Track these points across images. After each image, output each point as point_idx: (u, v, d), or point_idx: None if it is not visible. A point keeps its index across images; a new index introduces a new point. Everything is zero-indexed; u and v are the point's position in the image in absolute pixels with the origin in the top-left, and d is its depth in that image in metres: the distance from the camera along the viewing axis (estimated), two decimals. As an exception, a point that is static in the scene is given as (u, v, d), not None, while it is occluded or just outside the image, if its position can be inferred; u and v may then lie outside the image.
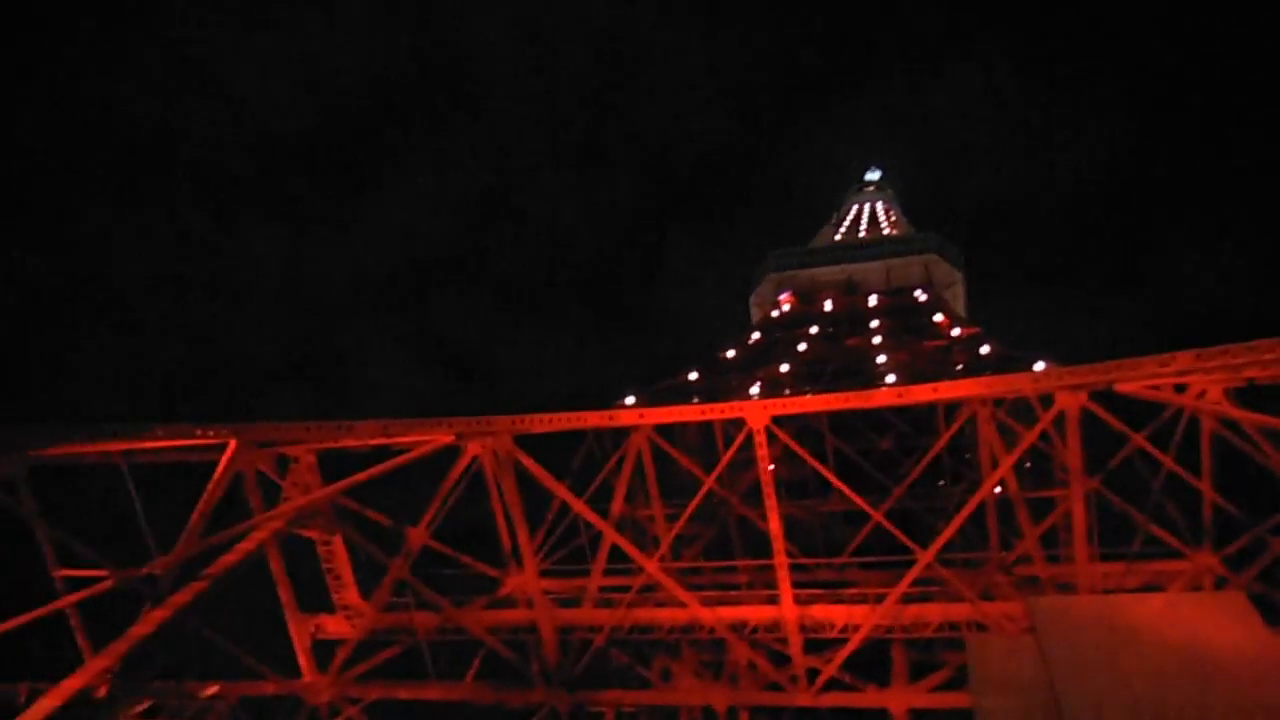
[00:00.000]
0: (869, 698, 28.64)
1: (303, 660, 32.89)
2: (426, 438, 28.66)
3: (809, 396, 26.64)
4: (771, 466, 27.34)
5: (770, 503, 27.05)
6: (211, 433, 25.17)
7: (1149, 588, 27.72)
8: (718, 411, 27.31)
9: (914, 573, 26.32)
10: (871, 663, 30.05)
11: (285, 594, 32.50)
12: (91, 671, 22.88)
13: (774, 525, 27.21)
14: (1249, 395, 21.51)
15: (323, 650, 34.32)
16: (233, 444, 25.78)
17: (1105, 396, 23.89)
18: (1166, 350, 23.10)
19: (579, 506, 30.18)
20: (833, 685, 28.29)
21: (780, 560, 27.55)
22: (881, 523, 27.05)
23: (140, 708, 20.97)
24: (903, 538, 26.82)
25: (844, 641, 28.55)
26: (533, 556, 30.31)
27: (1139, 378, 21.62)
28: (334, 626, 33.51)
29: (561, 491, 29.91)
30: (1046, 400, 28.21)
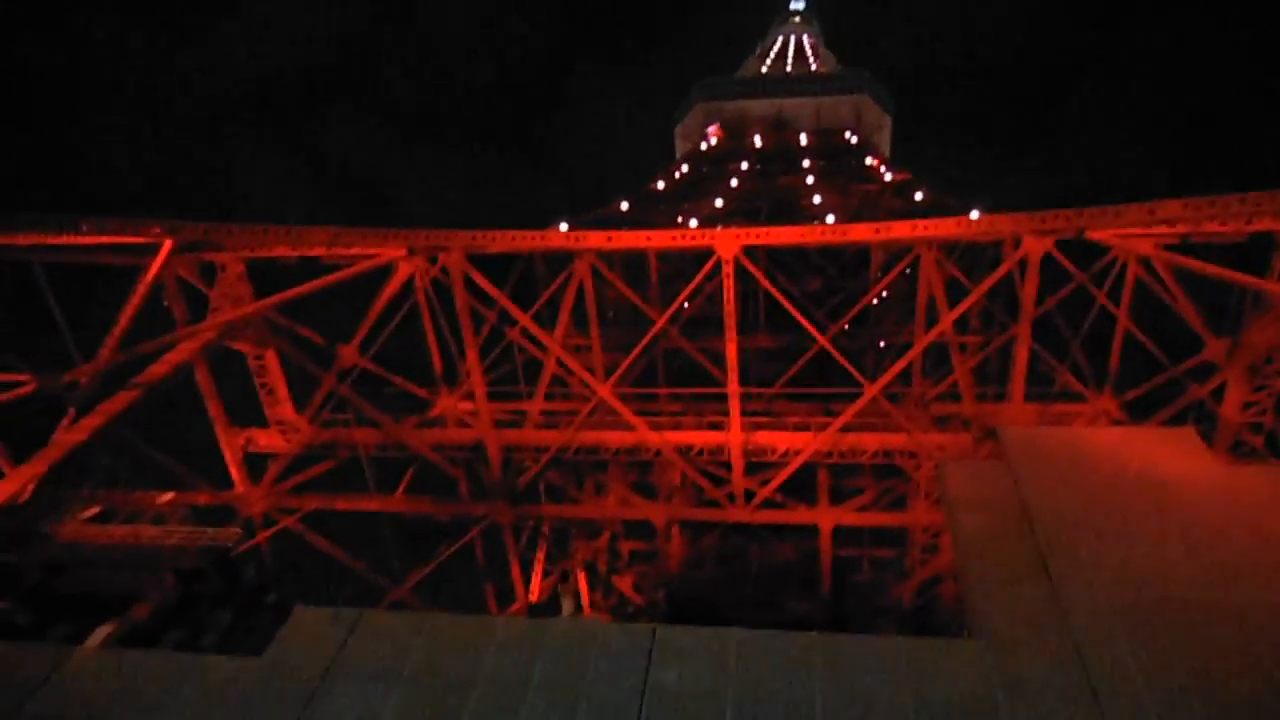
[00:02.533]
0: (800, 515, 30.64)
1: (234, 472, 32.17)
2: (376, 251, 27.01)
3: (782, 228, 26.38)
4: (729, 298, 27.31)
5: (730, 334, 27.28)
6: (146, 230, 22.79)
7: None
8: (687, 238, 26.76)
9: (861, 403, 27.53)
10: (798, 488, 31.93)
11: (214, 408, 31.24)
12: (24, 477, 21.60)
13: (731, 355, 27.62)
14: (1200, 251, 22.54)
15: (254, 466, 33.71)
16: (168, 244, 23.54)
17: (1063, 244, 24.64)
18: (1072, 205, 23.89)
19: (534, 329, 29.64)
20: (767, 504, 29.99)
21: (733, 389, 28.18)
22: (835, 356, 27.82)
23: (88, 513, 19.99)
24: (853, 371, 27.79)
25: (778, 466, 30.11)
26: (481, 376, 29.85)
27: (1117, 225, 22.30)
28: (267, 440, 32.71)
29: (517, 313, 29.23)
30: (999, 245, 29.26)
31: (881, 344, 44.97)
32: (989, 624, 14.38)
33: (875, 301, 42.13)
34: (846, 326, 39.39)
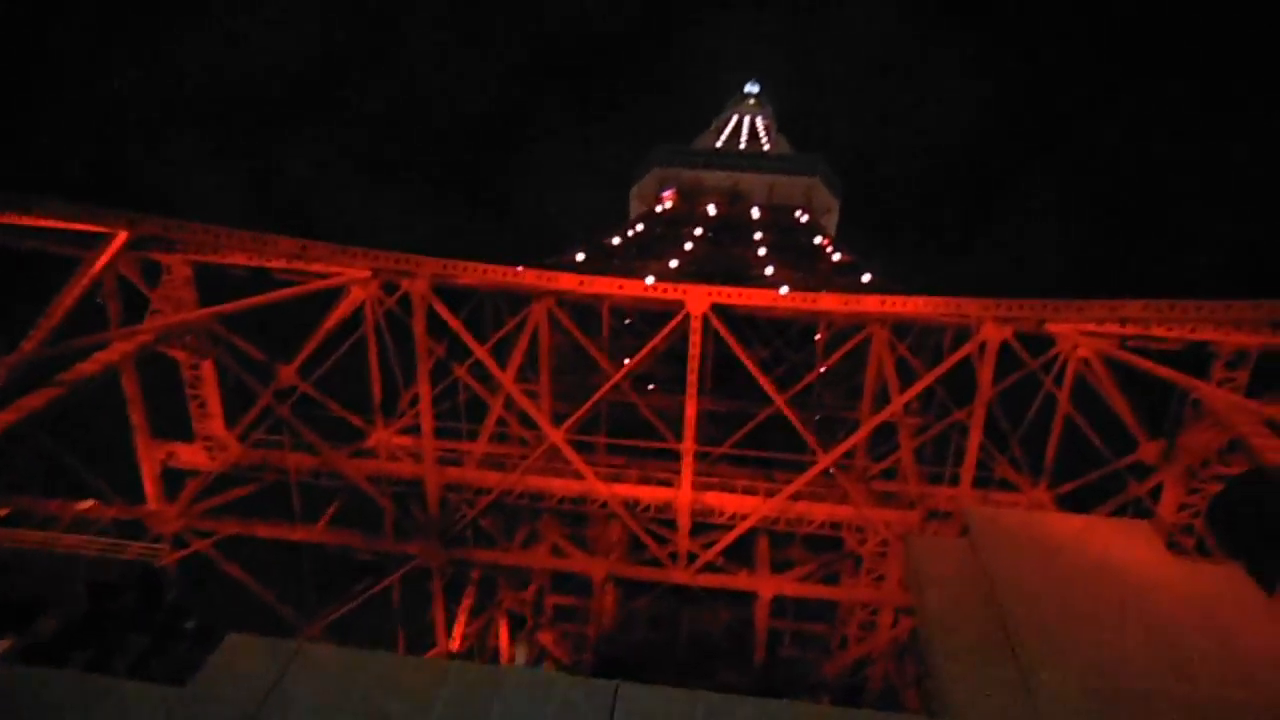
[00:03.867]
0: (741, 580, 30.20)
1: (149, 487, 30.11)
2: (339, 270, 26.09)
3: (753, 290, 26.63)
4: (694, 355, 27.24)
5: (692, 390, 27.12)
6: (101, 218, 21.44)
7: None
8: (659, 290, 26.71)
9: (813, 472, 27.54)
10: (731, 554, 31.54)
11: (137, 415, 29.33)
12: (-75, 469, 19.65)
13: (690, 411, 27.45)
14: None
15: (168, 483, 31.62)
16: (122, 235, 22.20)
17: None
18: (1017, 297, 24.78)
19: (493, 367, 28.91)
20: (708, 568, 29.50)
21: (688, 446, 27.91)
22: (794, 423, 27.84)
23: (-3, 514, 18.20)
24: (811, 440, 27.85)
25: (722, 529, 29.76)
26: (430, 410, 28.86)
27: (1078, 319, 23.15)
28: (189, 456, 30.81)
29: (477, 350, 28.51)
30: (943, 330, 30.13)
31: (817, 417, 45.50)
32: (953, 702, 14.20)
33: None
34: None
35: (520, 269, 27.49)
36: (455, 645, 33.43)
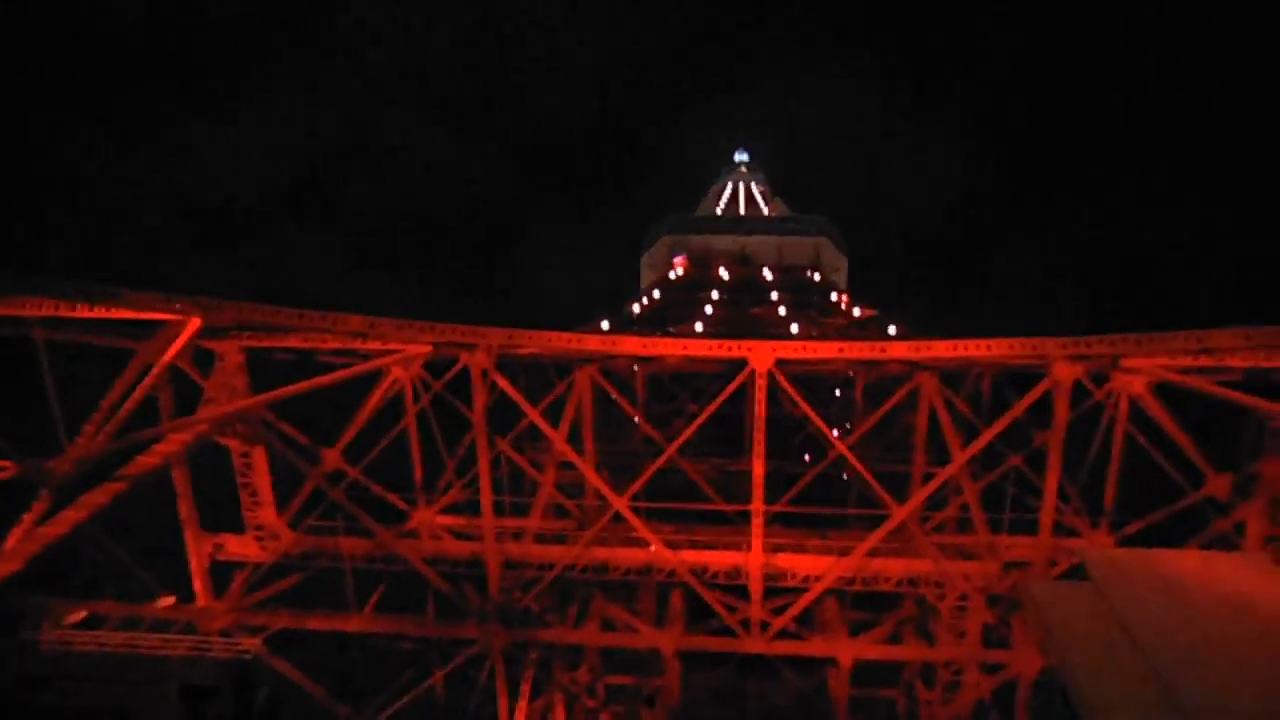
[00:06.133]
0: (817, 646, 29.12)
1: (198, 583, 29.19)
2: (400, 347, 25.79)
3: (817, 343, 26.37)
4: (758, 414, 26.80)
5: (759, 449, 26.61)
6: (170, 306, 21.18)
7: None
8: (724, 349, 26.40)
9: (889, 527, 26.80)
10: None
11: (186, 508, 28.58)
12: (-4, 574, 18.92)
13: (757, 472, 26.83)
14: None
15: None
16: (195, 322, 21.90)
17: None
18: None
19: (558, 441, 28.43)
20: (782, 634, 28.45)
21: (757, 507, 27.21)
22: (868, 479, 27.24)
23: (74, 617, 17.40)
24: (882, 492, 27.19)
25: (790, 591, 28.81)
26: (489, 487, 28.20)
27: (1159, 353, 22.84)
28: (238, 547, 29.98)
29: (540, 422, 28.03)
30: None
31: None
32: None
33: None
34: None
35: (582, 335, 27.23)
36: (518, 732, 31.98)
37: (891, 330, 51.67)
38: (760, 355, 25.81)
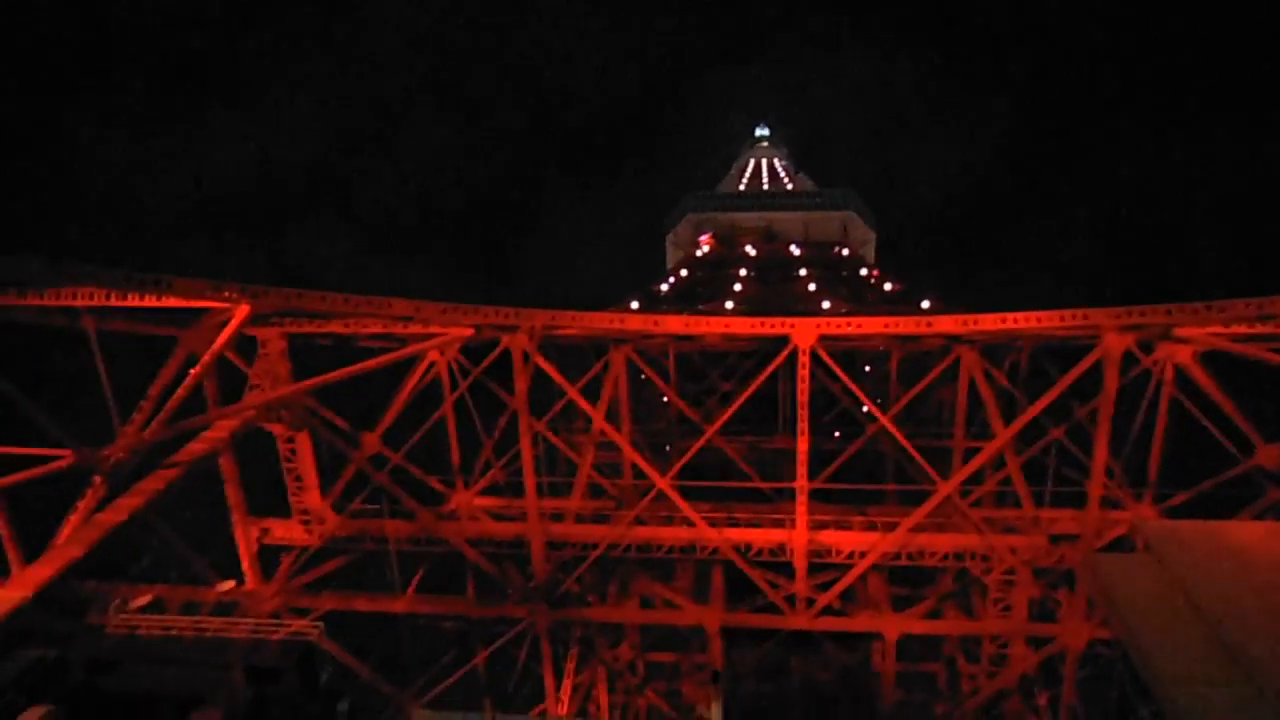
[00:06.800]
0: (863, 622, 29.09)
1: (247, 566, 29.53)
2: (441, 331, 25.83)
3: (862, 318, 26.04)
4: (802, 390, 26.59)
5: (802, 426, 26.43)
6: (219, 293, 21.31)
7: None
8: (766, 326, 26.20)
9: (934, 502, 26.59)
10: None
11: (234, 494, 28.89)
12: (60, 559, 19.24)
13: (801, 449, 26.66)
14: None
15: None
16: (244, 309, 22.04)
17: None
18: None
19: (599, 421, 28.44)
20: (827, 610, 28.41)
21: (801, 484, 27.09)
22: (912, 454, 27.00)
23: (140, 602, 17.69)
24: (927, 467, 26.95)
25: (834, 568, 28.73)
26: (532, 468, 28.28)
27: (1214, 322, 22.36)
28: (284, 532, 30.27)
29: (582, 402, 28.02)
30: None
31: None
32: (1193, 730, 13.20)
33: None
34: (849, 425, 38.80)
35: (624, 314, 27.12)
36: (563, 709, 32.31)
37: (925, 304, 51.09)
38: (803, 332, 25.57)
